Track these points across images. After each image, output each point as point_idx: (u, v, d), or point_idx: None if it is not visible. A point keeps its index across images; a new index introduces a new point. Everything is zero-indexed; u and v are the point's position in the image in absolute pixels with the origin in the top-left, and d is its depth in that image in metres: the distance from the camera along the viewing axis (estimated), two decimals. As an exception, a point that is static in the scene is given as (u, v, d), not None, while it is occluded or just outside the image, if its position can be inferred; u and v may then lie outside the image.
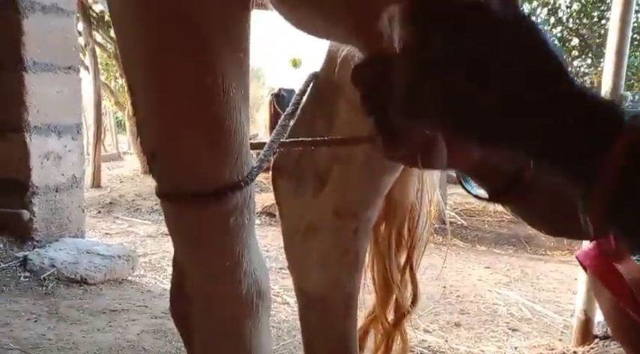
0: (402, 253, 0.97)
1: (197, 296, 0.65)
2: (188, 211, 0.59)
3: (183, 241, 0.63)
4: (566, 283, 3.08)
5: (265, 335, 0.71)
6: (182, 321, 0.72)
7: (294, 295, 2.39)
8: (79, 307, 2.14)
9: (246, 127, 0.60)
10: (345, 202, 0.87)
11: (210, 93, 0.53)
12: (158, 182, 0.59)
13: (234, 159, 0.58)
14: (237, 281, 0.63)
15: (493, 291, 2.84)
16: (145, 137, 0.58)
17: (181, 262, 0.65)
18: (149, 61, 0.53)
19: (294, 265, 0.95)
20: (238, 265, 0.63)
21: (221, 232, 0.60)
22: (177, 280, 0.66)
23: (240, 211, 0.60)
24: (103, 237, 3.87)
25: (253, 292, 0.65)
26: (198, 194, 0.57)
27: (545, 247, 4.16)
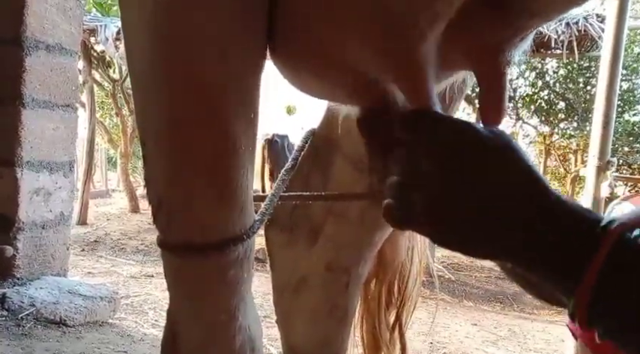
0: (391, 312, 0.97)
1: (189, 351, 0.64)
2: (190, 262, 0.59)
3: (181, 292, 0.63)
4: (553, 344, 3.06)
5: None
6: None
7: (277, 345, 2.35)
8: (55, 350, 2.07)
9: (251, 182, 0.61)
10: (338, 256, 0.87)
11: (221, 153, 0.55)
12: (162, 232, 0.60)
13: (238, 213, 0.59)
14: (232, 336, 0.63)
15: (480, 349, 2.81)
16: (152, 187, 0.59)
17: (175, 315, 0.65)
18: (164, 121, 0.55)
19: (283, 320, 0.94)
20: (233, 318, 0.62)
21: (220, 285, 0.60)
22: (169, 334, 0.65)
23: (240, 264, 0.60)
24: (85, 276, 3.79)
25: (247, 348, 0.65)
26: (202, 246, 0.57)
27: (532, 306, 4.14)
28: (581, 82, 7.52)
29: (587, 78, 7.40)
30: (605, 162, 1.89)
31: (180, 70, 0.53)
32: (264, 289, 3.23)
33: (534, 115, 7.85)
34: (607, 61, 1.92)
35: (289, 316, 0.92)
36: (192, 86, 0.53)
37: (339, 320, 0.90)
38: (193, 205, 0.57)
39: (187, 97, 0.53)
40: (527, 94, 7.72)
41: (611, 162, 1.85)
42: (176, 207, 0.58)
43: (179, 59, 0.53)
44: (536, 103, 7.66)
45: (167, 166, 0.57)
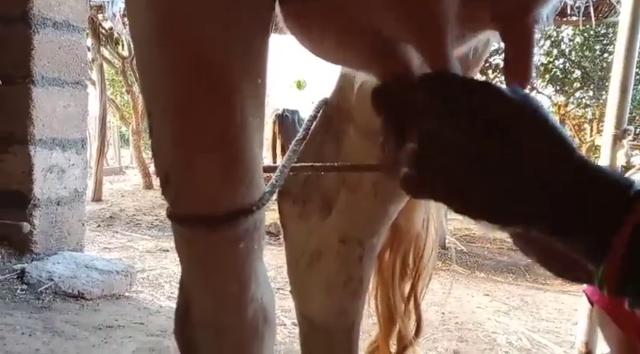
0: (406, 283, 0.97)
1: (202, 321, 0.64)
2: (199, 235, 0.59)
3: (192, 265, 0.63)
4: (565, 314, 3.06)
5: None
6: (186, 346, 0.71)
7: (291, 316, 2.38)
8: (74, 322, 2.12)
9: (260, 154, 0.61)
10: (351, 229, 0.87)
11: (227, 122, 0.54)
12: (171, 205, 0.59)
13: (246, 184, 0.58)
14: (244, 306, 0.63)
15: (492, 319, 2.82)
16: (159, 159, 0.58)
17: (188, 286, 0.65)
18: (169, 90, 0.54)
19: (298, 291, 0.94)
20: (245, 289, 0.62)
21: (230, 256, 0.60)
22: (182, 304, 0.66)
23: (250, 236, 0.60)
24: (101, 251, 3.85)
25: (259, 317, 0.65)
26: (211, 218, 0.57)
27: (545, 276, 4.14)
28: (598, 50, 7.34)
29: (604, 45, 7.22)
30: (622, 130, 1.85)
31: (182, 34, 0.52)
32: (276, 262, 3.27)
33: (549, 85, 7.70)
34: (625, 26, 1.86)
35: (304, 287, 0.93)
36: (194, 51, 0.52)
37: (354, 291, 0.90)
38: (201, 177, 0.56)
39: (190, 62, 0.52)
40: (542, 64, 7.57)
41: (628, 130, 1.81)
42: (183, 179, 0.57)
43: (181, 24, 0.51)
44: (551, 72, 7.50)
45: (173, 136, 0.56)
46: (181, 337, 0.68)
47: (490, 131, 0.39)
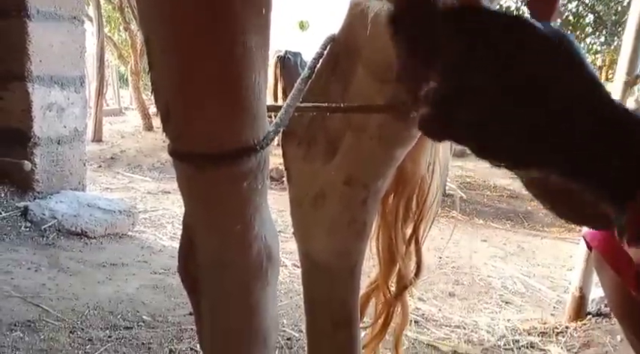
0: (408, 226, 0.97)
1: (206, 259, 0.64)
2: (201, 173, 0.57)
3: (195, 203, 0.62)
4: (561, 260, 3.12)
5: (272, 300, 0.71)
6: (189, 283, 0.72)
7: (292, 258, 2.43)
8: (79, 259, 2.16)
9: (264, 89, 0.58)
10: (356, 172, 0.86)
11: (229, 49, 0.51)
12: (172, 141, 0.58)
13: (251, 121, 0.56)
14: (248, 245, 0.63)
15: (488, 264, 2.87)
16: (159, 93, 0.56)
17: (191, 224, 0.65)
18: (167, 14, 0.51)
19: (301, 232, 0.94)
20: (249, 228, 0.62)
21: (234, 196, 0.59)
22: (186, 242, 0.65)
23: (254, 175, 0.59)
24: (103, 191, 3.88)
25: (263, 256, 0.65)
26: (213, 156, 0.55)
27: (543, 224, 4.19)
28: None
29: (621, -12, 6.94)
30: (634, 77, 1.80)
31: None
32: (278, 206, 3.30)
33: (559, 30, 7.46)
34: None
35: (307, 227, 0.92)
36: None
37: (357, 233, 0.90)
38: (202, 111, 0.54)
39: None
40: (554, 7, 7.29)
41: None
42: (185, 114, 0.55)
43: None
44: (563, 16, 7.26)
45: (173, 69, 0.53)
46: (185, 274, 0.69)
47: (522, 70, 0.37)
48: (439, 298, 2.30)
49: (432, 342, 1.79)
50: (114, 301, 1.78)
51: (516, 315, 2.10)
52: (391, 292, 1.01)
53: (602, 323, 1.86)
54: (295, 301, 1.99)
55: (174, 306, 1.79)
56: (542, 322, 1.97)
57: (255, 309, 0.66)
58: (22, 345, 1.42)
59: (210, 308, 0.67)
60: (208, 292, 0.66)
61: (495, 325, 1.96)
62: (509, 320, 2.01)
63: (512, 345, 1.78)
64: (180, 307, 1.79)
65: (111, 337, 1.51)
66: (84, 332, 1.53)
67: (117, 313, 1.68)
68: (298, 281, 2.19)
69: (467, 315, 2.09)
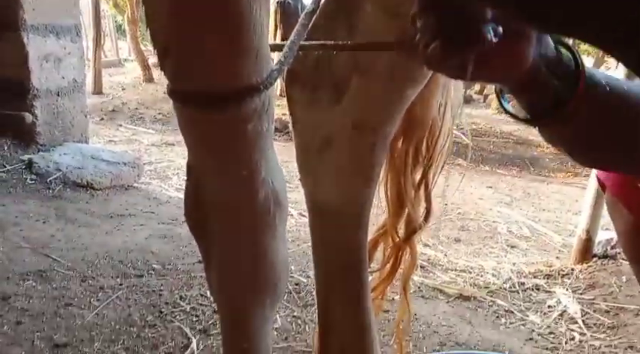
0: (417, 170, 0.95)
1: (213, 204, 0.63)
2: (203, 115, 0.55)
3: (198, 147, 0.60)
4: (567, 204, 3.12)
5: (282, 246, 0.70)
6: (197, 229, 0.71)
7: (297, 207, 2.43)
8: (86, 210, 2.17)
9: (266, 25, 0.54)
10: (364, 116, 0.83)
11: None
12: (170, 81, 0.55)
13: (253, 58, 0.53)
14: (255, 190, 0.61)
15: (494, 210, 2.88)
16: (156, 30, 0.52)
17: (196, 169, 0.63)
18: None
19: (308, 178, 0.92)
20: (256, 173, 0.60)
21: (238, 139, 0.57)
22: (191, 187, 0.64)
23: (258, 117, 0.56)
24: (107, 144, 3.86)
25: (270, 201, 0.63)
26: (215, 96, 0.52)
27: (549, 169, 4.17)
28: None
29: None
30: None
31: None
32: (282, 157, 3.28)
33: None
34: None
35: (314, 174, 0.91)
36: None
37: (365, 179, 0.88)
38: (202, 48, 0.51)
39: None
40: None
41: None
42: (184, 52, 0.52)
43: None
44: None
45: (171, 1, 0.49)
46: (192, 219, 0.67)
47: None
48: (445, 243, 2.31)
49: (438, 286, 1.81)
50: (123, 250, 1.79)
51: (522, 259, 2.11)
52: (399, 237, 1.01)
53: (607, 265, 1.87)
54: (302, 249, 2.01)
55: (183, 255, 1.81)
56: (547, 265, 1.98)
57: (265, 254, 0.65)
58: (36, 293, 1.44)
59: (218, 254, 0.66)
60: (216, 237, 0.65)
61: (501, 268, 1.98)
62: (514, 264, 2.03)
63: (517, 287, 1.80)
64: (189, 255, 1.80)
65: (122, 285, 1.54)
66: (95, 281, 1.55)
67: (127, 262, 1.70)
68: (305, 230, 2.21)
69: (472, 259, 2.11)
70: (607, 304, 1.65)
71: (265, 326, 0.69)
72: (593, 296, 1.70)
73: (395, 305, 1.56)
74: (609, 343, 1.44)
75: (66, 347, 1.22)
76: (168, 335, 1.32)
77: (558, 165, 4.34)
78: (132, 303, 1.45)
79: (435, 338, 1.44)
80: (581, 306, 1.63)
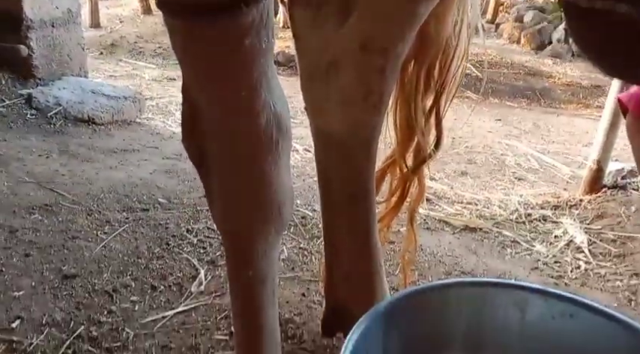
0: (428, 97, 0.90)
1: (212, 130, 0.59)
2: (195, 28, 0.50)
3: (192, 65, 0.55)
4: (576, 136, 3.07)
5: (286, 175, 0.67)
6: (197, 158, 0.67)
7: (302, 142, 2.39)
8: (89, 145, 2.15)
9: None
10: (374, 34, 0.77)
11: None
12: (160, -9, 0.50)
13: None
14: (256, 113, 0.57)
15: (502, 142, 2.83)
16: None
17: (192, 91, 0.58)
18: None
19: (314, 105, 0.88)
20: (256, 94, 0.56)
21: (235, 55, 0.52)
22: (188, 111, 0.60)
23: (256, 32, 0.51)
24: (107, 79, 3.78)
25: (273, 126, 0.60)
26: (207, 6, 0.47)
27: (560, 101, 4.07)
28: None
29: None
30: None
31: None
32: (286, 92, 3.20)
33: None
34: None
35: (320, 101, 0.86)
36: None
37: (374, 105, 0.83)
38: None
39: None
40: None
41: None
42: None
43: None
44: None
45: None
46: (190, 147, 0.64)
47: None
48: (451, 177, 2.29)
49: (444, 218, 1.80)
50: (128, 185, 1.78)
51: (529, 190, 2.10)
52: (408, 167, 0.98)
53: (617, 195, 1.85)
54: (308, 184, 2.00)
55: (188, 189, 1.80)
56: (555, 196, 1.97)
57: (267, 181, 0.62)
58: (42, 227, 1.45)
59: (219, 183, 0.64)
60: (216, 164, 0.62)
61: (508, 200, 1.96)
62: (522, 196, 2.01)
63: (524, 218, 1.79)
64: (194, 190, 1.80)
65: (128, 219, 1.54)
66: (101, 214, 1.55)
67: (132, 197, 1.69)
68: (310, 165, 2.19)
69: (479, 192, 2.09)
70: (614, 233, 1.64)
71: (270, 254, 0.67)
72: (600, 226, 1.69)
73: (400, 237, 1.56)
74: (614, 270, 1.45)
75: (75, 278, 1.23)
76: (176, 266, 1.33)
77: (569, 96, 4.23)
78: (139, 236, 1.46)
79: (440, 268, 1.45)
80: (588, 235, 1.63)
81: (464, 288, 0.82)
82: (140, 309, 1.15)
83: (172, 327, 1.10)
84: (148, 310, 1.15)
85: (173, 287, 1.24)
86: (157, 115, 2.88)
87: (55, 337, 1.05)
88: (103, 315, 1.12)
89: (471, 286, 0.82)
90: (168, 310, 1.15)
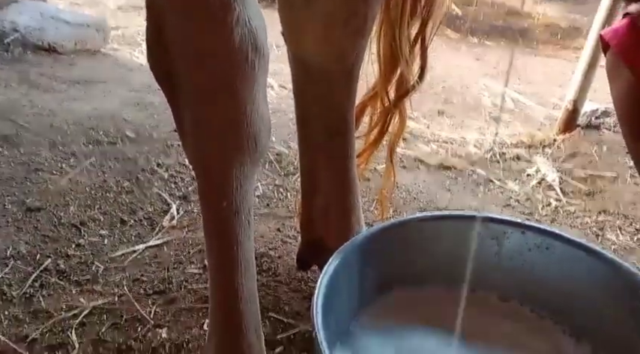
0: (414, 23, 0.85)
1: (180, 48, 0.54)
2: None
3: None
4: (552, 78, 3.06)
5: (262, 101, 0.63)
6: (164, 80, 0.62)
7: (278, 79, 2.31)
8: (50, 75, 2.03)
9: None
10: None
11: None
12: None
13: None
14: (229, 29, 0.52)
15: (480, 82, 2.81)
16: None
17: (157, 4, 0.52)
18: None
19: (293, 34, 0.83)
20: (229, 8, 0.50)
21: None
22: (152, 27, 0.54)
23: None
24: (68, 6, 3.53)
25: (248, 44, 0.55)
26: None
27: (538, 41, 4.03)
28: None
29: None
30: None
31: None
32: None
33: None
34: None
35: (300, 27, 0.81)
36: None
37: (356, 31, 0.78)
38: None
39: None
40: None
41: None
42: None
43: None
44: None
45: None
46: (157, 68, 0.59)
47: None
48: (428, 116, 2.27)
49: (420, 156, 1.80)
50: (94, 117, 1.70)
51: (505, 130, 2.10)
52: (390, 100, 0.94)
53: (590, 135, 1.88)
54: (284, 121, 1.94)
55: (157, 123, 1.73)
56: (530, 136, 1.97)
57: (242, 106, 0.58)
58: (3, 159, 1.38)
59: (189, 108, 0.59)
60: (185, 88, 0.57)
61: (483, 140, 1.96)
62: (497, 135, 2.01)
63: (498, 158, 1.80)
64: (164, 124, 1.73)
65: (94, 152, 1.47)
66: (65, 147, 1.48)
67: (98, 130, 1.62)
68: (286, 102, 2.12)
69: (455, 131, 2.09)
70: (585, 171, 1.67)
71: (245, 186, 0.64)
72: (572, 165, 1.72)
73: (377, 175, 1.55)
74: (584, 207, 1.48)
75: (39, 211, 1.19)
76: (147, 201, 1.29)
77: (548, 37, 4.19)
78: (106, 169, 1.40)
79: (415, 204, 1.45)
80: (559, 174, 1.65)
81: (441, 221, 0.81)
82: (109, 243, 1.12)
83: (144, 261, 1.08)
84: (118, 243, 1.13)
85: (144, 221, 1.21)
86: (123, 45, 2.73)
87: (20, 270, 1.02)
88: (70, 248, 1.09)
89: (449, 219, 0.82)
90: (139, 244, 1.13)
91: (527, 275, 0.75)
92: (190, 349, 0.89)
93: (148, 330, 0.91)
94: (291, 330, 0.94)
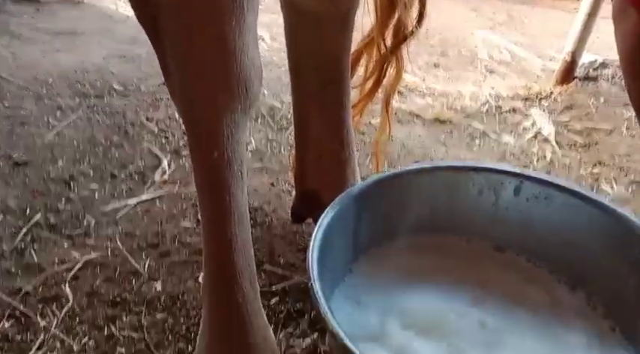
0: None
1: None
2: None
3: None
4: (550, 29, 3.00)
5: (252, 43, 0.59)
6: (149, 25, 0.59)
7: (269, 30, 2.24)
8: (32, 26, 1.95)
9: None
10: None
11: None
12: None
13: None
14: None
15: (475, 34, 2.75)
16: None
17: None
18: None
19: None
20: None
21: None
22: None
23: None
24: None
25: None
26: None
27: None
28: None
29: None
30: None
31: None
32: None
33: None
34: None
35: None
36: None
37: (351, -30, 0.74)
38: None
39: None
40: None
41: None
42: None
43: None
44: None
45: None
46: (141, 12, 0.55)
47: None
48: (423, 69, 2.23)
49: (415, 110, 1.77)
50: (79, 70, 1.65)
51: (501, 83, 2.06)
52: (386, 47, 0.91)
53: (587, 86, 1.85)
54: (276, 74, 1.89)
55: (146, 76, 1.68)
56: (526, 88, 1.94)
57: (230, 47, 0.55)
58: (-14, 112, 1.34)
59: (176, 56, 0.56)
60: (171, 27, 0.53)
61: (479, 93, 1.93)
62: (493, 88, 1.98)
63: (494, 111, 1.78)
64: (152, 77, 1.67)
65: (81, 105, 1.43)
66: (51, 100, 1.44)
67: (84, 82, 1.57)
68: (278, 55, 2.07)
69: (451, 84, 2.05)
70: (582, 124, 1.66)
71: (236, 135, 0.62)
72: (568, 117, 1.70)
73: (371, 128, 1.53)
74: (579, 159, 1.48)
75: (27, 165, 1.16)
76: (137, 155, 1.26)
77: (546, -12, 4.08)
78: (94, 123, 1.37)
79: (410, 158, 1.44)
80: (555, 127, 1.64)
81: (437, 172, 0.80)
82: (100, 197, 1.11)
83: (136, 215, 1.07)
84: (109, 198, 1.11)
85: (135, 176, 1.19)
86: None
87: (10, 224, 1.00)
88: (60, 202, 1.07)
89: (445, 170, 0.80)
90: (131, 198, 1.11)
91: (525, 226, 0.75)
92: (185, 301, 0.89)
93: (142, 283, 0.91)
94: (286, 281, 0.94)
